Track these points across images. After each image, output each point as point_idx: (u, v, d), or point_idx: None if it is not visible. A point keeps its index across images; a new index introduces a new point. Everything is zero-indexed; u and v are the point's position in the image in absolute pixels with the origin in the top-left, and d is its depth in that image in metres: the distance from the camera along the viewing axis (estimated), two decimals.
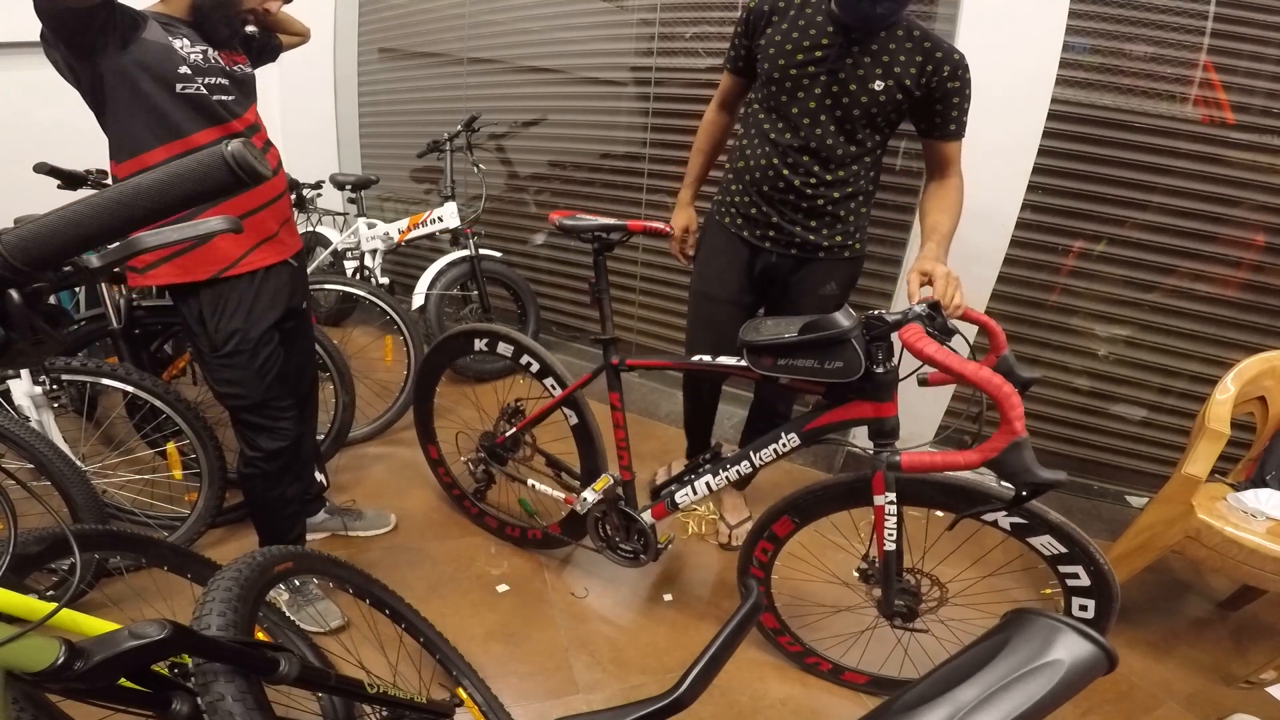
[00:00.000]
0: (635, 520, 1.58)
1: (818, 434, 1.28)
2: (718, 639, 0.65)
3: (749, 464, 1.37)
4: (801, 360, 1.16)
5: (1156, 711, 1.52)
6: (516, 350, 1.67)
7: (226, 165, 0.46)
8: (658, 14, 2.52)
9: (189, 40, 1.25)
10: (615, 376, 1.53)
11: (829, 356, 1.13)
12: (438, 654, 1.29)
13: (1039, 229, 2.05)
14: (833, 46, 1.40)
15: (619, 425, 1.56)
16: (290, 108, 3.36)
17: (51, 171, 1.76)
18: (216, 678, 0.67)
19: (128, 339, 1.75)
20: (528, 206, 3.18)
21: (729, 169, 1.68)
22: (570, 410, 1.63)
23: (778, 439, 1.32)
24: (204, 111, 1.27)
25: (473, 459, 1.91)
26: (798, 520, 1.37)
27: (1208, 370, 2.02)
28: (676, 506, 1.50)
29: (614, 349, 1.52)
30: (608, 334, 1.51)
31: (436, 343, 1.84)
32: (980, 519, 1.20)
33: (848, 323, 1.10)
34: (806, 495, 1.34)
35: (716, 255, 1.72)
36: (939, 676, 0.38)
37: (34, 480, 1.42)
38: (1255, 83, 1.82)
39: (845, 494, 1.31)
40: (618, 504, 1.59)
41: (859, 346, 1.11)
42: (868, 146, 1.50)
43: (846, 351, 1.11)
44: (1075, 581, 1.19)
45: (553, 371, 1.64)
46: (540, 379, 1.67)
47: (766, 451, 1.34)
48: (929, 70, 1.39)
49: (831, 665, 1.54)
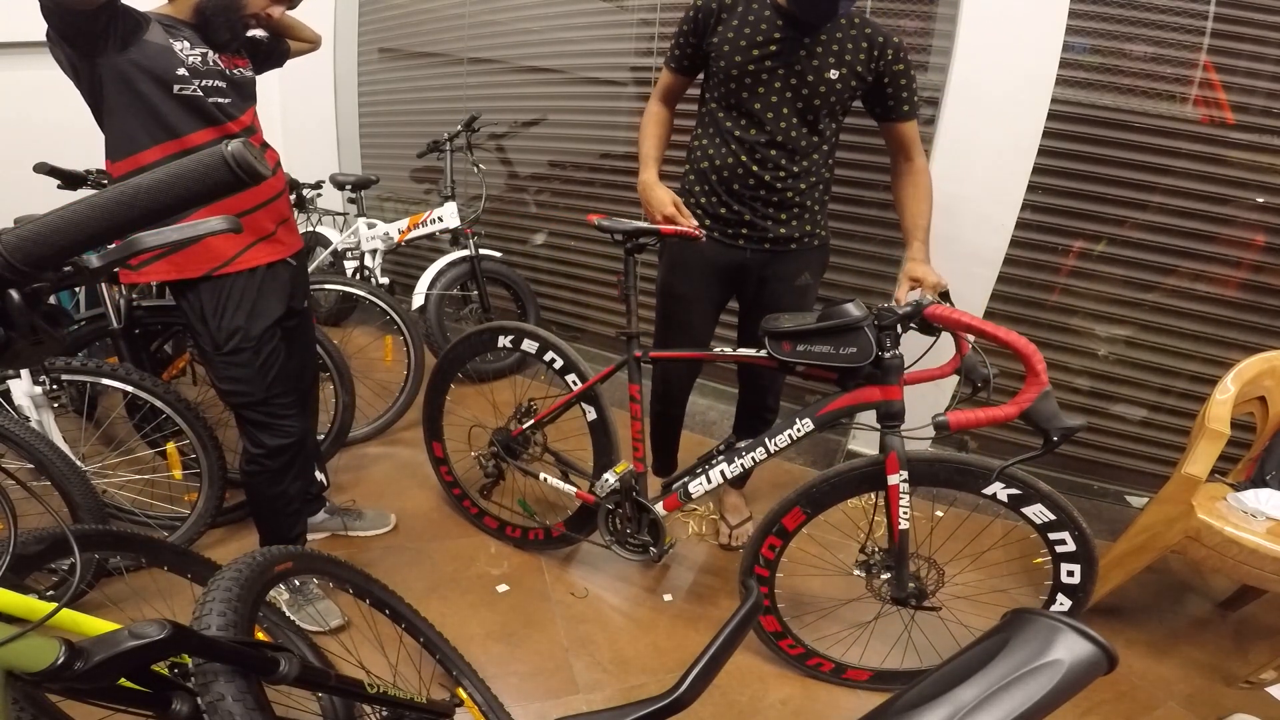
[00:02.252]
0: (648, 510, 1.59)
1: (831, 419, 1.36)
2: (718, 639, 0.65)
3: (764, 450, 1.42)
4: (819, 346, 1.28)
5: (1156, 711, 1.52)
6: (541, 347, 1.71)
7: (226, 165, 0.46)
8: (658, 14, 2.52)
9: (190, 43, 1.26)
10: (637, 368, 1.57)
11: (844, 343, 1.25)
12: (438, 654, 1.29)
13: (1039, 229, 2.05)
14: (785, 40, 1.44)
15: (636, 417, 1.59)
16: (290, 107, 3.36)
17: (51, 171, 1.77)
18: (216, 678, 0.67)
19: (128, 339, 1.75)
20: (528, 206, 3.18)
21: (689, 172, 1.69)
22: (589, 405, 1.66)
23: (792, 424, 1.39)
24: (200, 113, 1.28)
25: (484, 454, 1.92)
26: (810, 511, 1.40)
27: (1208, 370, 2.02)
28: (690, 497, 1.53)
29: (637, 343, 1.57)
30: (633, 328, 1.57)
31: (459, 339, 1.85)
32: (981, 494, 1.29)
33: (860, 313, 1.23)
34: (820, 484, 1.37)
35: (685, 256, 1.71)
36: (939, 676, 0.38)
37: (34, 480, 1.42)
38: (1255, 83, 1.82)
39: (859, 480, 1.35)
40: (632, 493, 1.60)
41: (871, 334, 1.22)
42: (826, 135, 1.56)
43: (860, 338, 1.23)
44: (1063, 548, 1.30)
45: (575, 367, 1.68)
46: (562, 375, 1.70)
47: (781, 437, 1.40)
48: (875, 55, 1.46)
49: (834, 665, 1.54)
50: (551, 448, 1.83)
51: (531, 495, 1.99)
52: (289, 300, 1.52)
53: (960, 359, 1.29)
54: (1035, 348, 1.08)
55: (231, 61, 1.36)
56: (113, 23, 1.12)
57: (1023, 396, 1.11)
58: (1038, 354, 1.08)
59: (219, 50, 1.32)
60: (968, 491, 1.30)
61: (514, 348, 1.74)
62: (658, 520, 1.59)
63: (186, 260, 1.34)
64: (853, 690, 1.55)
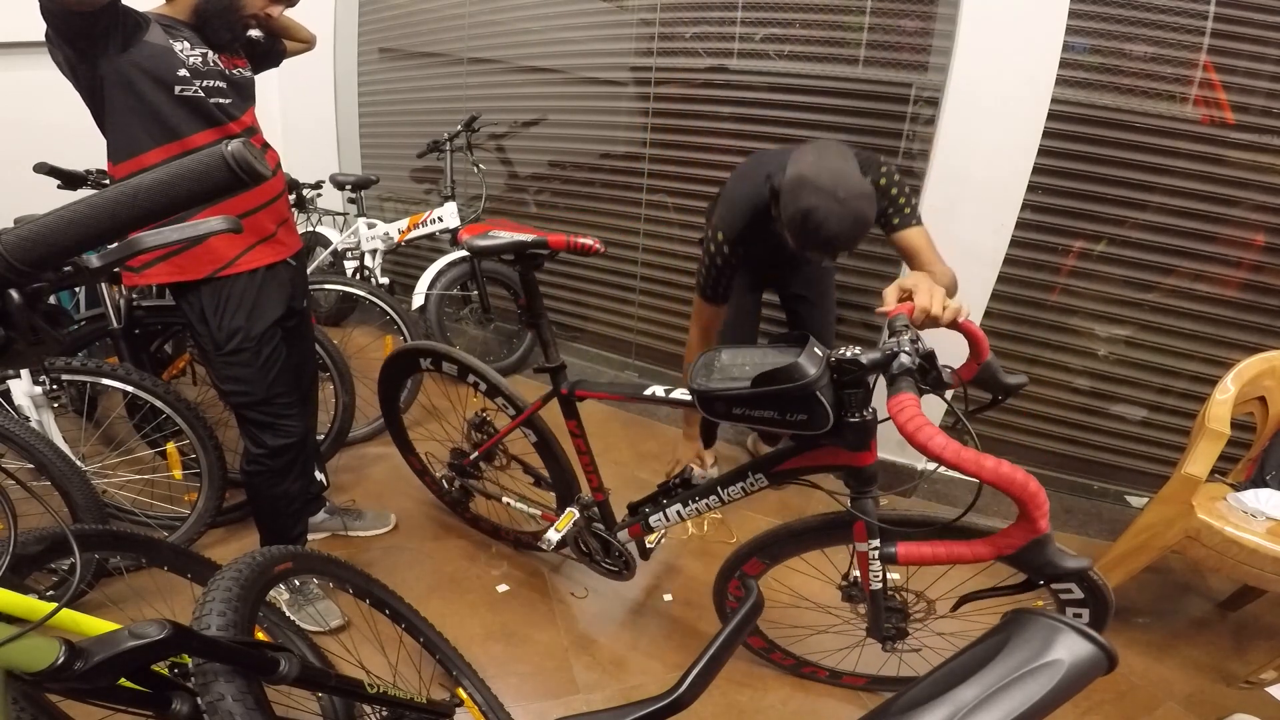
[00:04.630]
0: (612, 541, 1.56)
1: (786, 477, 1.18)
2: (718, 639, 0.65)
3: (717, 498, 1.29)
4: (760, 411, 1.00)
5: (1156, 711, 1.52)
6: (461, 370, 1.60)
7: (226, 165, 0.46)
8: (658, 14, 2.52)
9: (189, 43, 1.26)
10: (569, 405, 1.44)
11: (791, 408, 0.97)
12: (438, 654, 1.29)
13: (1039, 229, 2.05)
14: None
15: (582, 451, 1.51)
16: (290, 107, 3.36)
17: (51, 171, 1.76)
18: (216, 678, 0.67)
19: (128, 339, 1.75)
20: (528, 206, 3.18)
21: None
22: (529, 429, 1.57)
23: (745, 477, 1.23)
24: (201, 114, 1.27)
25: (446, 476, 1.87)
26: (768, 562, 1.33)
27: (1208, 370, 2.02)
28: (651, 529, 1.45)
29: (563, 377, 1.42)
30: (553, 361, 1.40)
31: (388, 359, 1.78)
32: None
33: (813, 370, 0.93)
34: (777, 535, 1.28)
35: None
36: (939, 676, 0.38)
37: (34, 480, 1.42)
38: (1255, 83, 1.82)
39: (821, 532, 1.23)
40: (590, 526, 1.57)
41: (825, 398, 0.94)
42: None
43: (812, 404, 0.95)
44: (1069, 595, 1.14)
45: (501, 391, 1.55)
46: (490, 397, 1.59)
47: (735, 489, 1.26)
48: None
49: (829, 671, 1.53)
50: (519, 457, 1.75)
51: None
52: (289, 300, 1.53)
53: (978, 366, 1.07)
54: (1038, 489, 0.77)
55: (231, 62, 1.36)
56: (114, 24, 1.12)
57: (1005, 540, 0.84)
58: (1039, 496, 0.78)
59: (218, 51, 1.32)
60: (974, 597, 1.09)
61: (434, 369, 1.64)
62: (621, 549, 1.55)
63: (188, 262, 1.34)
64: (853, 691, 1.55)
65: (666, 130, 2.60)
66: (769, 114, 2.36)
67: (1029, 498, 0.77)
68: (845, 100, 2.21)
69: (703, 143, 2.54)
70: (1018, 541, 0.83)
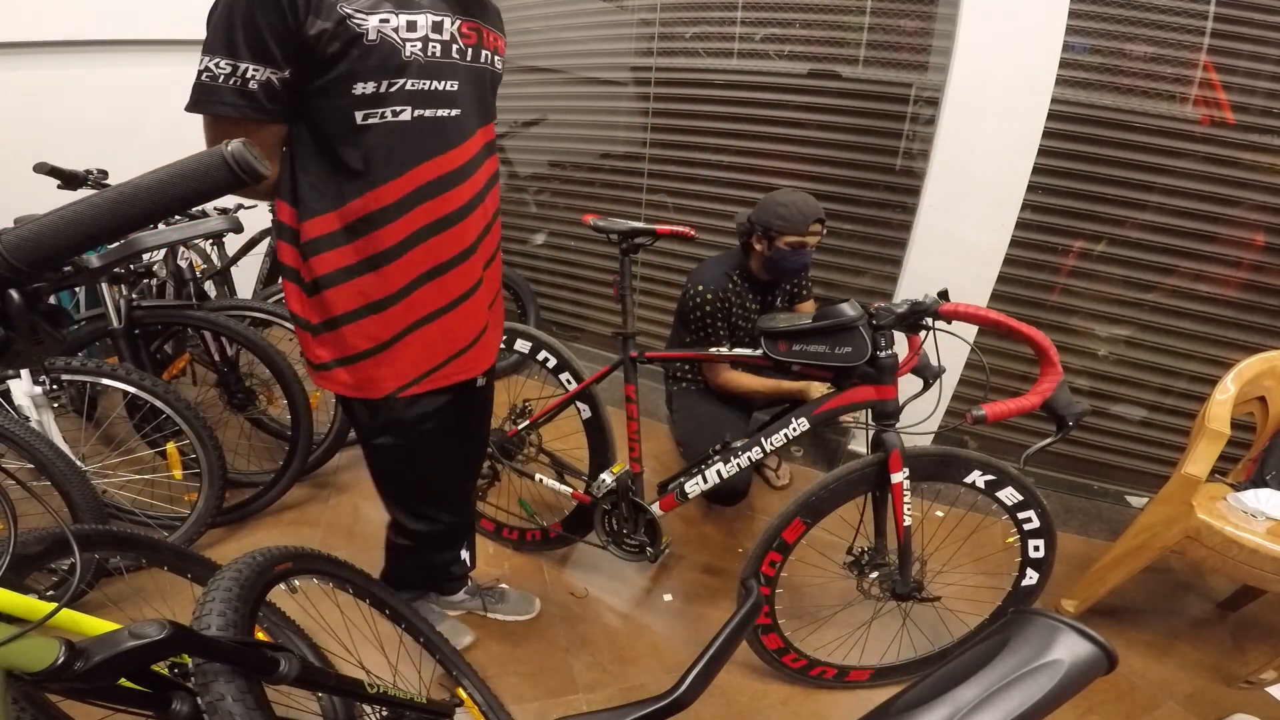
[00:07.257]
0: (645, 511, 1.59)
1: (827, 418, 1.37)
2: (718, 639, 0.65)
3: (760, 449, 1.42)
4: (814, 345, 1.30)
5: (1156, 711, 1.52)
6: (535, 346, 1.70)
7: (226, 164, 0.46)
8: (658, 14, 2.52)
9: None
10: (633, 368, 1.57)
11: (839, 342, 1.28)
12: (438, 654, 1.29)
13: (1039, 229, 2.05)
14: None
15: (633, 417, 1.58)
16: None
17: (51, 171, 1.76)
18: (216, 678, 0.67)
19: (128, 339, 1.74)
20: (528, 206, 3.18)
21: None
22: (584, 405, 1.67)
23: (788, 424, 1.39)
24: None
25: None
26: (810, 520, 1.38)
27: (1208, 370, 2.02)
28: (686, 497, 1.52)
29: (633, 342, 1.56)
30: (629, 328, 1.55)
31: None
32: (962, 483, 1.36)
33: (855, 312, 1.26)
34: (820, 491, 1.35)
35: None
36: (939, 676, 0.38)
37: (34, 480, 1.42)
38: (1255, 83, 1.82)
39: (857, 481, 1.35)
40: (629, 494, 1.60)
41: (866, 334, 1.25)
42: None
43: (855, 338, 1.26)
44: (1030, 525, 1.40)
45: (569, 366, 1.68)
46: (556, 374, 1.70)
47: (777, 436, 1.40)
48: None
49: (836, 670, 1.53)
50: (547, 449, 1.83)
51: (527, 497, 1.98)
52: (459, 420, 1.28)
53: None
54: (1050, 341, 1.15)
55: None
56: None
57: (1042, 387, 1.16)
58: (1052, 346, 1.15)
59: None
60: (950, 482, 1.36)
61: (507, 348, 1.71)
62: (654, 520, 1.59)
63: (366, 377, 1.10)
64: (853, 690, 1.55)
65: (666, 130, 2.60)
66: (769, 114, 2.36)
67: (1048, 345, 1.14)
68: (845, 100, 2.22)
69: (703, 143, 2.54)
70: (1050, 385, 1.14)
